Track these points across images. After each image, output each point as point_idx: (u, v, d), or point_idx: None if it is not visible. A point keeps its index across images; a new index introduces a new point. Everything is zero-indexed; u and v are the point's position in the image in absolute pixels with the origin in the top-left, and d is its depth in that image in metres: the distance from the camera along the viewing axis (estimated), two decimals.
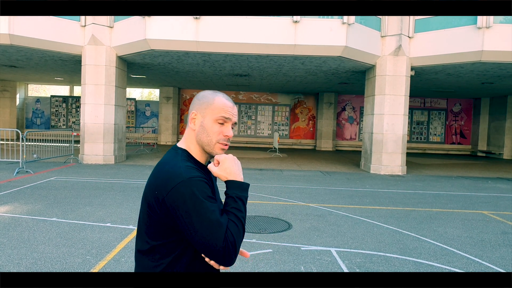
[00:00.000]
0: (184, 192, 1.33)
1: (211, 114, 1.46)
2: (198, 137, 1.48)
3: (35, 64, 14.69)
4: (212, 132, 1.46)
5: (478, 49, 10.52)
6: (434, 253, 4.75)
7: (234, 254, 1.33)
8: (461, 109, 22.81)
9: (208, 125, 1.46)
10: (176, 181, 1.35)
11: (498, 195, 8.96)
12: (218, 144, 1.47)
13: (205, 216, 1.31)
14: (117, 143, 12.80)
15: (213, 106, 1.47)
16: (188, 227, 1.33)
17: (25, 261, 4.06)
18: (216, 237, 1.30)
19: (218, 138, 1.46)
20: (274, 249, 4.67)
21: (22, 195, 7.16)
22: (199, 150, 1.50)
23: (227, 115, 1.47)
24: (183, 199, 1.33)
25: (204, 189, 1.35)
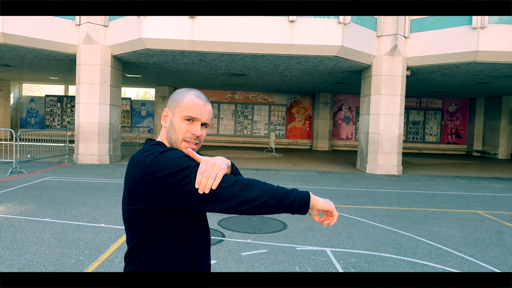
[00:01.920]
0: (163, 161, 1.31)
1: (179, 112, 1.45)
2: (168, 134, 1.47)
3: (29, 63, 14.59)
4: (179, 130, 1.44)
5: (473, 49, 10.55)
6: (429, 252, 4.75)
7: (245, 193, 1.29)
8: (456, 109, 22.91)
9: (176, 122, 1.44)
10: (153, 155, 1.34)
11: (492, 195, 8.99)
12: (184, 142, 1.44)
13: (190, 166, 1.30)
14: (112, 143, 12.74)
15: (182, 104, 1.45)
16: (184, 185, 1.29)
17: (17, 262, 4.01)
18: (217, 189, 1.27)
19: (185, 136, 1.44)
20: (269, 249, 4.65)
21: (15, 196, 7.10)
22: (168, 146, 1.49)
23: (194, 115, 1.43)
24: (165, 166, 1.30)
25: (178, 152, 1.36)
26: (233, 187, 1.28)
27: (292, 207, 1.31)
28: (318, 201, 1.36)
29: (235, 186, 1.28)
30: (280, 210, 1.31)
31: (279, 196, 1.30)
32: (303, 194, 1.34)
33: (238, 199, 1.28)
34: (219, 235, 5.09)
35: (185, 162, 1.31)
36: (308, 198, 1.34)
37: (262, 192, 1.29)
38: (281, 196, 1.30)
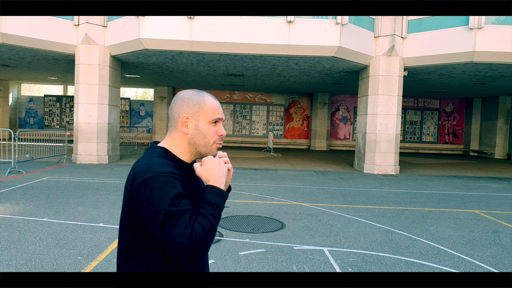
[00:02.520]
0: (153, 186, 1.31)
1: (205, 117, 1.46)
2: (193, 140, 1.47)
3: (27, 63, 14.59)
4: (209, 134, 1.47)
5: (470, 49, 10.60)
6: (426, 252, 4.78)
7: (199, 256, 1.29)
8: (453, 109, 22.97)
9: (204, 127, 1.46)
10: (146, 175, 1.33)
11: (489, 194, 9.04)
12: (215, 145, 1.49)
13: (171, 212, 1.28)
14: (111, 143, 12.74)
15: (206, 108, 1.46)
16: (152, 223, 1.30)
17: (15, 262, 4.03)
18: (181, 235, 1.27)
19: (215, 139, 1.48)
20: (267, 248, 4.68)
21: (13, 195, 7.11)
22: (188, 151, 1.49)
23: (220, 116, 1.49)
24: (150, 193, 1.31)
25: (175, 184, 1.32)
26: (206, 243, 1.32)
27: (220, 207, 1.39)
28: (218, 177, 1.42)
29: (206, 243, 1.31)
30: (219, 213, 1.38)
31: (218, 219, 1.37)
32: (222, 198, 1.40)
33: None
34: (217, 235, 5.12)
35: (171, 205, 1.30)
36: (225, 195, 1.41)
37: (214, 231, 1.35)
38: (218, 217, 1.37)
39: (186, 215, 1.29)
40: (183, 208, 1.30)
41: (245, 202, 7.20)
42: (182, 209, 1.30)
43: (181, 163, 1.48)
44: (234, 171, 11.31)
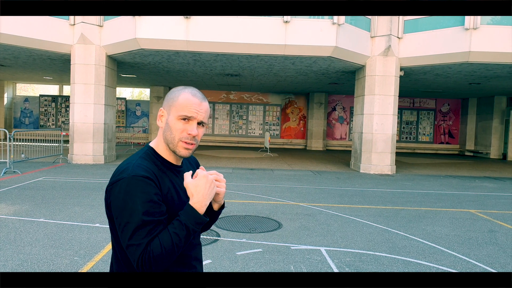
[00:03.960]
0: (121, 189, 1.30)
1: (175, 111, 1.40)
2: (164, 134, 1.43)
3: (23, 63, 14.51)
4: (175, 130, 1.39)
5: (465, 50, 10.65)
6: (423, 251, 4.80)
7: (151, 271, 1.27)
8: (449, 109, 23.07)
9: (172, 122, 1.40)
10: (119, 176, 1.33)
11: (485, 194, 9.08)
12: (181, 143, 1.40)
13: (131, 219, 1.26)
14: (107, 143, 12.70)
15: (177, 103, 1.40)
16: (117, 224, 1.30)
17: (11, 262, 4.00)
18: (134, 248, 1.26)
19: (181, 136, 1.40)
20: (264, 248, 4.67)
21: (9, 196, 7.07)
22: (165, 147, 1.45)
23: (190, 114, 1.39)
24: (118, 195, 1.30)
25: (145, 190, 1.29)
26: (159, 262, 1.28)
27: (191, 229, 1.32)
28: (200, 200, 1.33)
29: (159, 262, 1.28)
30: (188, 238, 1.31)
31: (183, 241, 1.30)
32: (198, 222, 1.32)
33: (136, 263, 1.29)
34: (214, 235, 5.11)
35: (134, 212, 1.27)
36: (202, 221, 1.33)
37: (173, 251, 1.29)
38: (184, 239, 1.30)
39: (147, 227, 1.26)
40: (146, 219, 1.26)
41: (242, 202, 7.19)
42: (145, 220, 1.26)
43: (167, 163, 1.46)
44: (230, 171, 11.31)
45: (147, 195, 1.29)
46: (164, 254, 1.26)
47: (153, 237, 1.27)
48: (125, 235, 1.27)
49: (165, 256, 1.26)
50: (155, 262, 1.25)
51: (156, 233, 1.28)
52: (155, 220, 1.28)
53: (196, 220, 1.30)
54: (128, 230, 1.26)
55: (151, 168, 1.37)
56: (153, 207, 1.29)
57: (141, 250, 1.25)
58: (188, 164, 1.62)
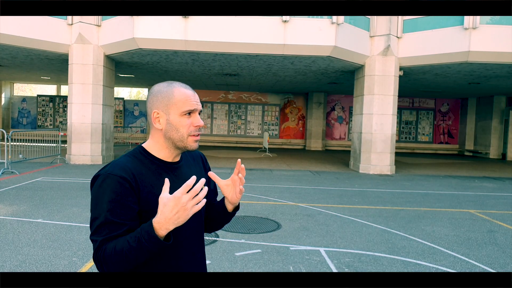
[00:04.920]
0: (96, 185, 1.32)
1: (176, 109, 1.37)
2: (168, 135, 1.40)
3: (20, 63, 14.46)
4: (182, 127, 1.38)
5: (465, 49, 10.64)
6: (422, 252, 4.78)
7: (103, 271, 1.28)
8: (448, 109, 23.08)
9: (176, 120, 1.38)
10: (98, 173, 1.34)
11: (484, 194, 9.07)
12: (190, 137, 1.40)
13: (98, 215, 1.27)
14: (105, 143, 12.66)
15: (175, 100, 1.38)
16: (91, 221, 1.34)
17: (9, 263, 3.97)
18: (94, 245, 1.28)
19: (189, 131, 1.39)
20: (263, 249, 4.65)
21: (7, 196, 7.03)
22: (165, 146, 1.42)
23: (192, 107, 1.38)
24: (93, 191, 1.33)
25: (115, 190, 1.28)
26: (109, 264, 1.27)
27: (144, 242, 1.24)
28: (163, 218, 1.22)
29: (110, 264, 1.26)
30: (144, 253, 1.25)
31: (133, 255, 1.25)
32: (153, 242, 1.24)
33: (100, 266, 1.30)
34: (212, 235, 5.09)
35: (98, 210, 1.28)
36: (151, 229, 1.23)
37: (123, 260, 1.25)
38: (134, 253, 1.24)
39: (108, 227, 1.26)
40: (109, 218, 1.26)
41: (240, 202, 7.17)
42: (108, 218, 1.26)
43: (157, 161, 1.42)
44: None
45: (116, 196, 1.28)
46: (113, 258, 1.24)
47: (110, 237, 1.26)
48: (91, 229, 1.30)
49: (114, 261, 1.24)
50: (105, 263, 1.25)
51: (114, 234, 1.27)
52: (118, 222, 1.27)
53: (151, 240, 1.22)
54: (93, 225, 1.29)
55: (133, 167, 1.35)
56: (119, 208, 1.28)
57: (97, 246, 1.27)
58: (190, 159, 1.58)
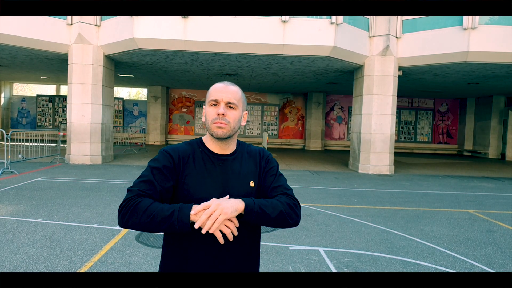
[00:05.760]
0: (152, 158, 1.61)
1: (207, 101, 1.60)
2: (206, 125, 1.62)
3: (20, 63, 14.45)
4: (208, 115, 1.58)
5: (464, 49, 10.66)
6: (421, 251, 4.79)
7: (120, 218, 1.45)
8: (447, 109, 23.10)
9: (207, 111, 1.60)
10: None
11: (483, 194, 9.09)
12: (213, 124, 1.55)
13: (142, 174, 1.54)
14: (104, 143, 12.66)
15: (208, 94, 1.60)
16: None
17: (9, 263, 3.98)
18: (132, 189, 1.49)
19: (213, 118, 1.56)
20: (262, 249, 4.66)
21: (6, 196, 7.03)
22: (210, 138, 1.63)
23: (215, 97, 1.56)
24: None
25: (160, 160, 1.55)
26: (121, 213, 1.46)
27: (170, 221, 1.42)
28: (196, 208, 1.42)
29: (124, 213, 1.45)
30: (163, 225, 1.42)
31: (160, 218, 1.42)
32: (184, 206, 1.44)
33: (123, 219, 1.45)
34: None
35: (145, 172, 1.55)
36: (188, 211, 1.42)
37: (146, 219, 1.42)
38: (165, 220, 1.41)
39: (145, 183, 1.49)
40: (150, 179, 1.50)
41: None
42: (148, 178, 1.50)
43: (207, 151, 1.62)
44: None
45: (160, 166, 1.53)
46: (141, 212, 1.41)
47: (147, 193, 1.48)
48: (133, 183, 1.54)
49: (141, 215, 1.40)
50: (133, 212, 1.42)
51: (150, 193, 1.48)
52: (155, 184, 1.50)
53: (183, 217, 1.40)
54: (136, 181, 1.53)
55: (183, 151, 1.59)
56: (159, 175, 1.52)
57: (133, 195, 1.47)
58: (246, 154, 1.70)
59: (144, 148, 18.74)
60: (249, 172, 1.64)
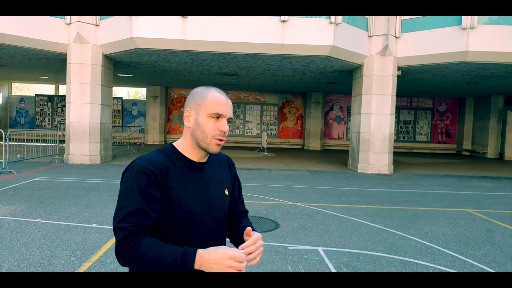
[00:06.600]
0: (126, 176, 1.40)
1: (205, 110, 1.45)
2: (193, 134, 1.47)
3: (18, 62, 14.43)
4: (207, 128, 1.45)
5: (462, 49, 10.66)
6: (420, 251, 4.79)
7: (120, 261, 1.34)
8: (446, 108, 23.12)
9: (202, 121, 1.45)
10: (128, 166, 1.42)
11: (482, 193, 9.10)
12: (214, 140, 1.46)
13: (126, 204, 1.34)
14: (103, 143, 12.65)
15: (206, 101, 1.45)
16: (116, 208, 1.40)
17: (7, 263, 3.97)
18: (123, 227, 1.33)
19: (214, 134, 1.45)
20: None
21: (4, 196, 7.02)
22: (191, 145, 1.50)
23: (220, 111, 1.45)
24: (122, 183, 1.40)
25: (142, 181, 1.36)
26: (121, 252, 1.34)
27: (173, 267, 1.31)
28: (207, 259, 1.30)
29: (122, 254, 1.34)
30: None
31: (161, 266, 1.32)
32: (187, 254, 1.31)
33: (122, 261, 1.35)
34: None
35: (128, 199, 1.35)
36: (192, 259, 1.31)
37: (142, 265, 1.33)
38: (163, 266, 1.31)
39: (137, 215, 1.33)
40: (137, 207, 1.33)
41: None
42: (135, 207, 1.34)
43: (185, 160, 1.50)
44: None
45: (144, 187, 1.36)
46: (142, 259, 1.30)
47: (140, 226, 1.32)
48: (116, 217, 1.35)
49: (141, 262, 1.31)
50: (132, 258, 1.31)
51: (145, 224, 1.33)
52: (146, 211, 1.34)
53: (187, 266, 1.30)
54: (120, 213, 1.34)
55: (160, 162, 1.42)
56: (147, 198, 1.35)
57: (126, 234, 1.32)
58: (216, 162, 1.64)
59: (143, 148, 18.73)
60: (223, 180, 1.61)
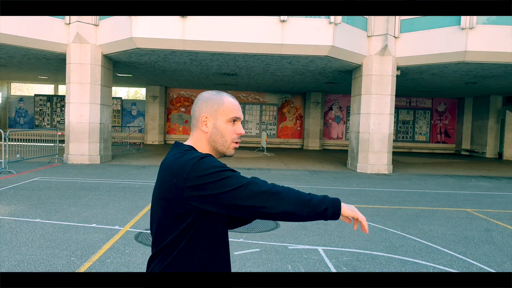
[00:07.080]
0: (204, 167, 1.33)
1: (223, 115, 1.49)
2: (212, 138, 1.49)
3: (18, 62, 14.42)
4: (227, 133, 1.49)
5: (461, 49, 10.68)
6: (420, 250, 4.81)
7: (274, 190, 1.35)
8: (445, 108, 23.15)
9: (222, 126, 1.49)
10: (193, 161, 1.34)
11: (481, 193, 9.12)
12: (233, 144, 1.51)
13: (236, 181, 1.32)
14: (102, 143, 12.65)
15: (224, 107, 1.49)
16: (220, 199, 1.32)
17: (7, 263, 3.97)
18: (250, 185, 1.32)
19: (233, 138, 1.50)
20: (261, 248, 4.67)
21: (4, 196, 7.02)
22: (209, 150, 1.51)
23: (238, 115, 1.51)
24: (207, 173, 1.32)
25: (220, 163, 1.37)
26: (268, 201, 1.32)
27: (324, 215, 1.38)
28: (343, 208, 1.42)
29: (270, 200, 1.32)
30: (313, 218, 1.38)
31: (312, 206, 1.36)
32: (334, 202, 1.40)
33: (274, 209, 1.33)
34: None
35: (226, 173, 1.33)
36: (339, 205, 1.41)
37: (296, 204, 1.35)
38: (313, 206, 1.36)
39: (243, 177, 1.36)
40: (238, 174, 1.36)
41: None
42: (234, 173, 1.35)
43: None
44: None
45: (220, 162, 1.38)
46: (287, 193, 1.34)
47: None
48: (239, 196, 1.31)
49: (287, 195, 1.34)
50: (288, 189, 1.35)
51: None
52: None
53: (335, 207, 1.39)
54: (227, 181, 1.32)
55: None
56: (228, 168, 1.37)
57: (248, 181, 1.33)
58: None
59: (143, 148, 18.72)
60: None
